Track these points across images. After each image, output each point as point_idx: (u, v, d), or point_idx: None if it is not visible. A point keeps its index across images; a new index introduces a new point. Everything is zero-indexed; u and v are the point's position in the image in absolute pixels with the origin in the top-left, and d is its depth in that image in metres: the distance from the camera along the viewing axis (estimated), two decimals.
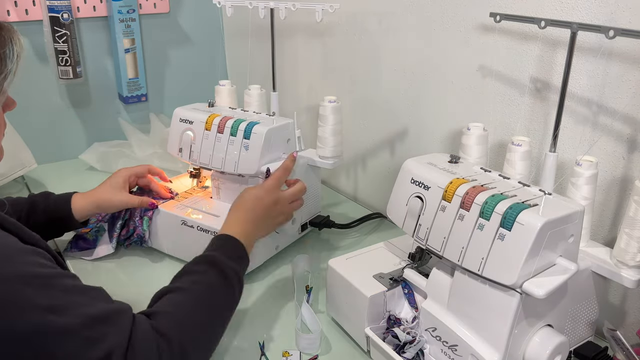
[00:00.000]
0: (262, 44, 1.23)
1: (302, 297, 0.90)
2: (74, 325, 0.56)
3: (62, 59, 1.42)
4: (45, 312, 0.55)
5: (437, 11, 1.05)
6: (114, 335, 0.58)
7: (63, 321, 0.56)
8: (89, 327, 0.57)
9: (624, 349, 0.69)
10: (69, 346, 0.55)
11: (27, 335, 0.54)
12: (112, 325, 0.59)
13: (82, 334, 0.56)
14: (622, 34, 0.66)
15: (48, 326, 0.55)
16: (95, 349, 0.56)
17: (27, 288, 0.55)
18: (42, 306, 0.55)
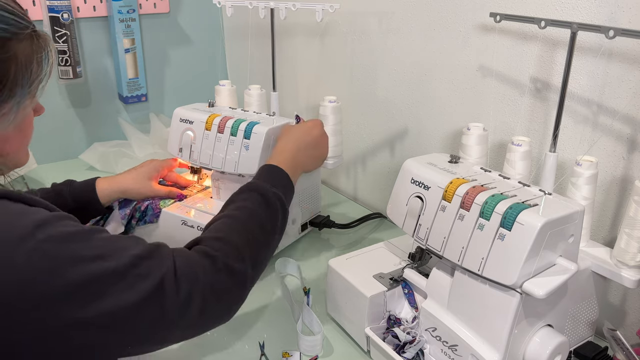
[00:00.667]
0: (262, 44, 1.23)
1: (302, 299, 0.90)
2: (122, 266, 0.60)
3: (62, 59, 1.42)
4: (93, 261, 0.58)
5: (437, 11, 1.05)
6: (160, 265, 0.63)
7: (112, 264, 0.59)
8: (136, 265, 0.61)
9: (624, 349, 0.69)
10: (123, 284, 0.59)
11: (82, 284, 0.57)
12: (156, 258, 0.64)
13: (132, 272, 0.60)
14: (622, 34, 0.66)
15: (100, 271, 0.58)
16: (147, 281, 0.61)
17: (70, 244, 0.58)
18: (89, 256, 0.58)
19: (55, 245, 0.57)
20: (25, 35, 0.64)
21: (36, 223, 0.58)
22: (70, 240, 0.59)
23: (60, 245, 0.58)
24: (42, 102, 1.40)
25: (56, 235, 0.58)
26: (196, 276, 0.65)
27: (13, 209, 0.59)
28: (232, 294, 0.70)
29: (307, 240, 1.14)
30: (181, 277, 0.64)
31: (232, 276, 0.69)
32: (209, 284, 0.66)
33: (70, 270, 0.57)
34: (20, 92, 0.65)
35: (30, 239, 0.56)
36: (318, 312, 0.90)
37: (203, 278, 0.66)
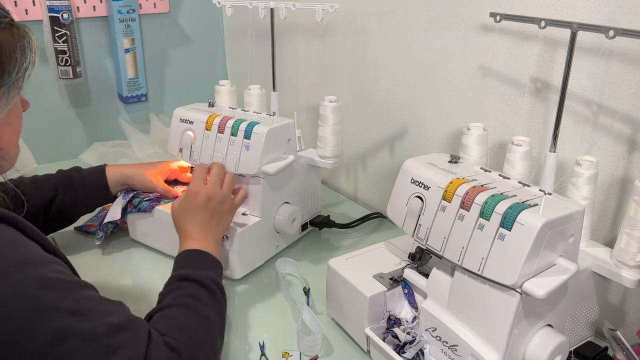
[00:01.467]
0: (262, 44, 1.23)
1: (302, 299, 0.90)
2: (95, 331, 0.57)
3: (62, 59, 1.42)
4: (67, 316, 0.55)
5: (437, 11, 1.05)
6: (133, 344, 0.59)
7: (86, 326, 0.56)
8: (110, 335, 0.58)
9: (624, 349, 0.69)
10: (90, 351, 0.56)
11: (50, 337, 0.54)
12: (132, 335, 0.60)
13: (104, 341, 0.57)
14: (622, 34, 0.66)
15: (70, 329, 0.55)
16: (114, 356, 0.57)
17: (50, 292, 0.55)
18: (64, 309, 0.55)
19: (37, 290, 0.55)
20: (5, 24, 0.65)
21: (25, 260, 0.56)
22: (53, 287, 0.56)
23: (42, 290, 0.55)
24: (42, 102, 1.40)
25: (41, 279, 0.56)
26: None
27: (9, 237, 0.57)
28: None
29: (307, 240, 1.14)
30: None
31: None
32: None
33: (44, 319, 0.54)
34: (8, 81, 0.65)
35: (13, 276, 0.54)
36: (318, 312, 0.90)
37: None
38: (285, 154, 1.01)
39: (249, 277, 1.00)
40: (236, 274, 0.97)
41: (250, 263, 1.00)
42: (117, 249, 1.09)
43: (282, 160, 0.99)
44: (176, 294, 0.73)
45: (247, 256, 0.98)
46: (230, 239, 0.94)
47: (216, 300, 0.76)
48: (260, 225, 0.99)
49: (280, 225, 1.02)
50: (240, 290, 0.97)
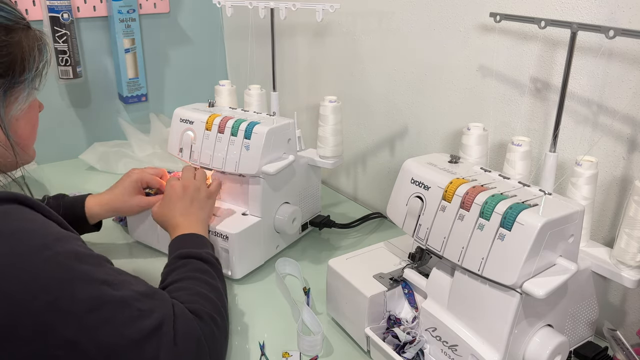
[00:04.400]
0: (262, 44, 1.23)
1: (302, 299, 0.90)
2: (127, 297, 0.62)
3: (62, 59, 1.42)
4: (102, 285, 0.61)
5: (437, 11, 1.05)
6: (162, 308, 0.65)
7: (118, 294, 0.61)
8: (140, 301, 0.63)
9: (624, 349, 0.69)
10: (125, 315, 0.61)
11: (88, 304, 0.59)
12: (159, 300, 0.66)
13: (135, 306, 0.62)
14: (622, 34, 0.66)
15: (106, 297, 0.60)
16: (148, 319, 0.63)
17: (83, 264, 0.61)
18: (98, 279, 0.61)
19: (71, 261, 0.60)
20: (23, 25, 0.70)
21: (56, 236, 0.61)
22: (84, 260, 0.61)
23: (75, 262, 0.60)
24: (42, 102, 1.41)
25: (73, 252, 0.61)
26: (192, 325, 0.68)
27: (35, 218, 0.61)
28: (221, 343, 0.74)
29: (307, 240, 1.14)
30: (179, 323, 0.66)
31: (218, 327, 0.72)
32: (203, 334, 0.69)
33: (81, 287, 0.59)
34: (28, 76, 0.70)
35: (49, 249, 0.59)
36: (318, 312, 0.90)
37: (199, 328, 0.69)
38: (285, 154, 1.01)
39: (249, 277, 1.00)
40: (236, 274, 0.97)
41: (250, 263, 1.00)
42: (117, 248, 1.09)
43: (282, 160, 0.99)
44: (182, 270, 0.79)
45: (247, 256, 0.98)
46: (230, 239, 0.94)
47: (220, 272, 0.83)
48: (260, 225, 0.99)
49: (280, 225, 1.02)
50: (240, 290, 0.97)
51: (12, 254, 0.56)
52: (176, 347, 0.64)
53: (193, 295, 0.73)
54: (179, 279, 0.77)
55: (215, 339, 0.71)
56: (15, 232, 0.58)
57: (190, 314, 0.69)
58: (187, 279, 0.77)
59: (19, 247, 0.57)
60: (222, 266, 0.94)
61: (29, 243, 0.58)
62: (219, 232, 0.95)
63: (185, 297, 0.72)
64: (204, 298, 0.74)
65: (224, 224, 0.96)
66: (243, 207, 1.02)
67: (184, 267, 0.79)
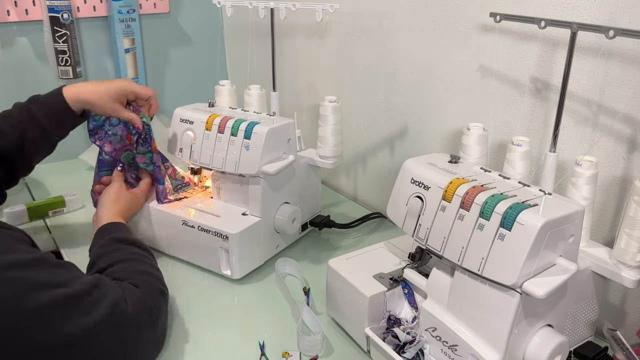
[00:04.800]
0: (262, 44, 1.23)
1: (302, 299, 0.90)
2: (79, 291, 0.65)
3: (62, 59, 1.42)
4: (55, 288, 0.63)
5: (437, 11, 1.05)
6: (111, 292, 0.69)
7: (70, 291, 0.64)
8: (88, 292, 0.66)
9: (624, 349, 0.69)
10: (81, 308, 0.64)
11: (45, 310, 0.61)
12: (105, 285, 0.70)
13: (87, 298, 0.66)
14: (622, 34, 0.66)
15: (60, 297, 0.63)
16: (101, 306, 0.66)
17: (32, 272, 0.62)
18: (50, 283, 0.63)
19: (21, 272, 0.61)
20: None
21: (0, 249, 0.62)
22: (33, 267, 0.63)
23: (25, 271, 0.62)
24: None
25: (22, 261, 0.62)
26: (142, 300, 0.73)
27: None
28: (166, 311, 0.81)
29: (307, 240, 1.14)
30: (130, 302, 0.71)
31: (164, 295, 0.80)
32: (154, 304, 0.75)
33: (36, 296, 0.61)
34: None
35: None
36: (318, 312, 0.90)
37: (148, 299, 0.75)
38: (285, 154, 1.01)
39: (249, 277, 1.00)
40: (236, 274, 0.97)
41: (250, 263, 1.00)
42: None
43: (282, 160, 0.99)
44: (117, 254, 0.83)
45: (247, 256, 0.98)
46: (230, 239, 0.94)
47: (152, 256, 0.88)
48: (260, 225, 0.99)
49: (280, 225, 1.02)
50: (240, 290, 0.97)
51: None
52: (132, 321, 0.70)
53: (136, 273, 0.79)
54: (120, 259, 0.81)
55: (161, 306, 0.78)
56: None
57: (136, 288, 0.74)
58: (126, 260, 0.81)
59: None
60: (222, 266, 0.96)
61: None
62: (219, 232, 0.95)
63: (128, 275, 0.77)
64: (147, 274, 0.80)
65: (224, 224, 0.96)
66: (243, 207, 1.02)
67: (119, 252, 0.83)
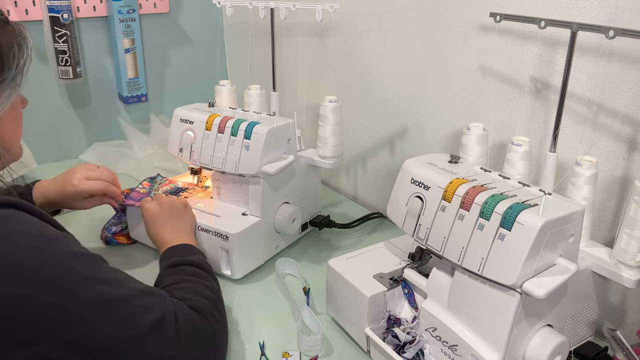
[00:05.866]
0: (262, 44, 1.23)
1: (302, 299, 0.90)
2: (126, 294, 0.63)
3: (62, 59, 1.42)
4: (100, 284, 0.61)
5: (437, 11, 1.05)
6: (161, 304, 0.66)
7: (117, 291, 0.62)
8: (139, 297, 0.64)
9: (624, 349, 0.69)
10: (124, 312, 0.62)
11: (87, 303, 0.59)
12: (157, 297, 0.67)
13: (135, 303, 0.63)
14: (622, 34, 0.66)
15: (105, 294, 0.61)
16: (148, 315, 0.63)
17: (80, 264, 0.61)
18: (97, 278, 0.61)
19: (68, 262, 0.60)
20: (1, 22, 0.68)
21: (52, 238, 0.61)
22: (82, 260, 0.62)
23: (73, 262, 0.60)
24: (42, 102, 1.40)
25: (69, 252, 0.61)
26: (194, 320, 0.69)
27: (31, 221, 0.61)
28: (222, 340, 0.75)
29: (307, 240, 1.14)
30: (181, 319, 0.67)
31: (218, 323, 0.73)
32: (204, 329, 0.70)
33: (80, 287, 0.59)
34: (8, 75, 0.68)
35: (45, 251, 0.59)
36: (318, 312, 0.90)
37: (200, 323, 0.70)
38: (285, 154, 1.01)
39: (249, 277, 1.00)
40: (236, 274, 0.97)
41: (250, 263, 1.00)
42: (117, 249, 1.09)
43: (282, 160, 0.99)
44: (177, 277, 0.78)
45: (247, 256, 0.98)
46: (230, 239, 0.94)
47: (213, 276, 0.83)
48: (260, 225, 0.99)
49: (280, 225, 1.02)
50: (240, 290, 0.97)
51: (9, 258, 0.56)
52: (179, 342, 0.65)
53: (191, 294, 0.74)
54: (174, 282, 0.77)
55: (216, 335, 0.72)
56: (11, 236, 0.58)
57: (191, 310, 0.70)
58: (182, 281, 0.77)
59: (16, 250, 0.57)
60: (222, 266, 0.96)
61: (25, 245, 0.58)
62: (219, 232, 0.95)
63: (183, 294, 0.73)
64: (202, 296, 0.75)
65: (224, 224, 0.96)
66: (243, 207, 1.02)
67: (178, 275, 0.79)
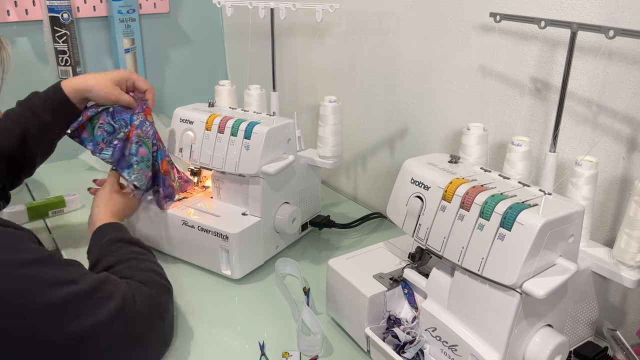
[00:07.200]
0: (262, 44, 1.23)
1: (302, 299, 0.90)
2: (89, 288, 0.66)
3: (62, 59, 1.42)
4: (67, 285, 0.64)
5: (437, 11, 1.05)
6: (118, 289, 0.70)
7: (81, 287, 0.65)
8: (99, 289, 0.67)
9: (624, 349, 0.69)
10: (89, 306, 0.65)
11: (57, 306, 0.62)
12: (112, 284, 0.70)
13: (96, 295, 0.66)
14: (622, 34, 0.66)
15: (71, 294, 0.63)
16: (110, 302, 0.67)
17: (45, 268, 0.63)
18: (63, 280, 0.64)
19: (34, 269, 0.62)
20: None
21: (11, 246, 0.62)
22: (45, 263, 0.64)
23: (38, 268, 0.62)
24: None
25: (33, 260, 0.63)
26: (149, 296, 0.74)
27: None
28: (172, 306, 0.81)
29: (307, 240, 1.14)
30: (138, 298, 0.71)
31: (168, 292, 0.80)
32: (160, 300, 0.76)
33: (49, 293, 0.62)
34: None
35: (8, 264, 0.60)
36: (318, 312, 0.90)
37: (154, 294, 0.75)
38: (285, 154, 1.01)
39: (249, 277, 1.00)
40: (236, 274, 0.97)
41: (250, 263, 1.00)
42: None
43: (282, 160, 0.99)
44: (118, 254, 0.82)
45: (247, 256, 0.98)
46: (230, 239, 0.94)
47: (152, 254, 0.87)
48: (260, 225, 0.99)
49: (280, 225, 1.02)
50: (240, 290, 0.97)
51: None
52: (140, 318, 0.70)
53: (141, 270, 0.79)
54: (120, 260, 0.80)
55: (168, 304, 0.79)
56: None
57: (144, 287, 0.74)
58: (127, 260, 0.81)
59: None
60: (222, 266, 0.96)
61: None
62: (219, 232, 0.95)
63: (133, 273, 0.77)
64: (151, 272, 0.80)
65: (224, 224, 0.96)
66: (243, 207, 1.02)
67: (119, 251, 0.83)
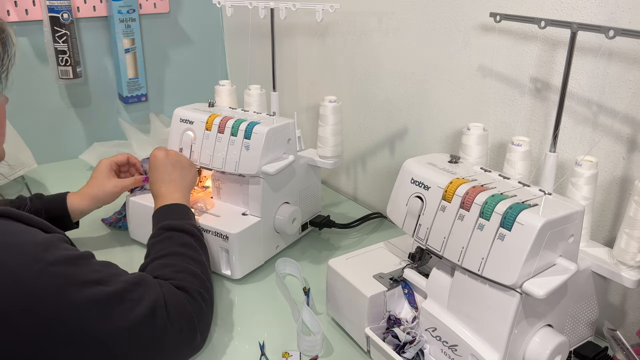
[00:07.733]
0: (262, 44, 1.23)
1: (302, 299, 0.90)
2: (120, 290, 0.64)
3: (62, 59, 1.42)
4: (95, 285, 0.62)
5: (437, 11, 1.05)
6: (151, 293, 0.68)
7: (111, 289, 0.64)
8: (130, 290, 0.66)
9: (624, 349, 0.69)
10: (120, 309, 0.64)
11: (85, 307, 0.61)
12: (146, 286, 0.69)
13: (128, 297, 0.65)
14: (622, 34, 0.66)
15: (101, 295, 0.62)
16: (141, 306, 0.66)
17: (74, 268, 0.62)
18: (92, 280, 0.62)
19: (63, 268, 0.61)
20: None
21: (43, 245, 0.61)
22: (75, 263, 0.62)
23: (67, 267, 0.61)
24: (42, 102, 1.40)
25: (63, 258, 0.61)
26: (182, 302, 0.72)
27: (18, 229, 0.61)
28: (208, 316, 0.79)
29: (307, 240, 1.14)
30: (170, 303, 0.70)
31: (205, 302, 0.77)
32: (192, 310, 0.73)
33: (77, 292, 0.60)
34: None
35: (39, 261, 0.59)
36: (318, 312, 0.90)
37: (189, 304, 0.73)
38: (285, 154, 1.01)
39: (249, 277, 1.00)
40: (236, 274, 0.97)
41: (250, 263, 1.00)
42: (117, 248, 1.09)
43: (282, 160, 0.99)
44: (167, 244, 0.81)
45: (247, 256, 0.98)
46: (230, 239, 0.94)
47: (203, 244, 0.86)
48: (260, 225, 0.99)
49: (280, 225, 1.02)
50: (240, 290, 0.97)
51: (3, 273, 0.56)
52: (171, 325, 0.69)
53: (179, 272, 0.76)
54: (166, 254, 0.79)
55: (203, 314, 0.76)
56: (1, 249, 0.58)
57: (178, 291, 0.73)
58: (173, 254, 0.79)
59: (8, 265, 0.57)
60: (222, 266, 0.96)
61: (18, 258, 0.58)
62: (219, 232, 0.95)
63: (171, 274, 0.75)
64: (190, 274, 0.77)
65: (223, 224, 0.96)
66: (243, 207, 1.02)
67: (169, 241, 0.82)
